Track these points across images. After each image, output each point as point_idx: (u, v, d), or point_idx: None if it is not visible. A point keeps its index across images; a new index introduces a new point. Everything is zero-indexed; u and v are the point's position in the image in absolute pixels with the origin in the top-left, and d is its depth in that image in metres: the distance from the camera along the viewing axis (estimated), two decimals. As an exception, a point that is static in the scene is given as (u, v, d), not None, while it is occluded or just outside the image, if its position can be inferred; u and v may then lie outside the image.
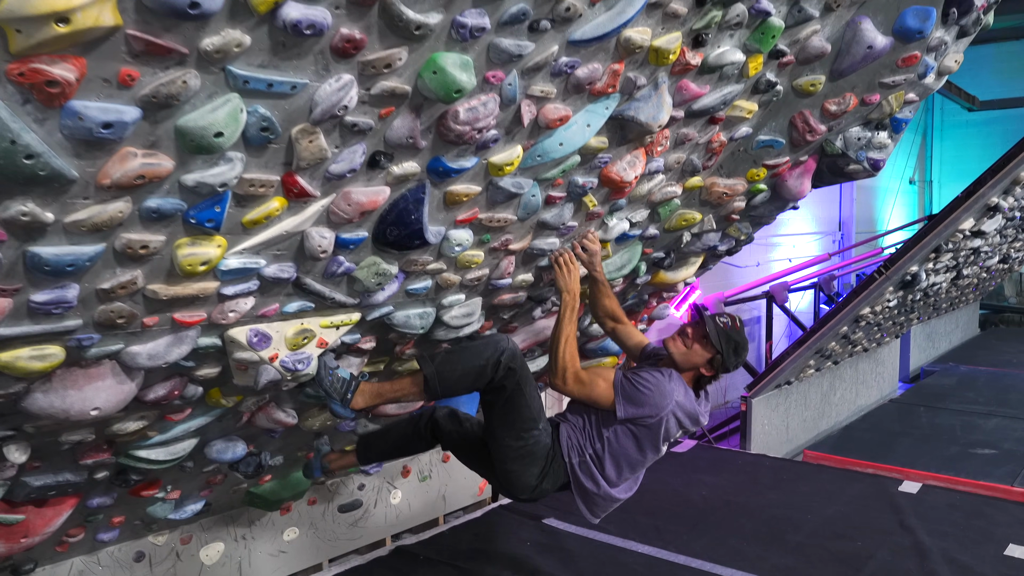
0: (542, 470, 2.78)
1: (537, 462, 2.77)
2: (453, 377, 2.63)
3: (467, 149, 2.16)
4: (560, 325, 2.81)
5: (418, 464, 4.65)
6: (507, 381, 2.62)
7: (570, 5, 1.95)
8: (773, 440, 6.06)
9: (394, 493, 4.57)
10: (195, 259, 1.86)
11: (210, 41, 1.48)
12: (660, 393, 2.74)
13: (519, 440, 2.72)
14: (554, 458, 2.80)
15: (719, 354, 2.80)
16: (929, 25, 2.91)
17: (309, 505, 4.08)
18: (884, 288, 5.40)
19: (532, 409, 2.72)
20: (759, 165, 3.28)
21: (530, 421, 2.72)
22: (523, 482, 2.79)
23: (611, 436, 2.80)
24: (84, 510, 2.80)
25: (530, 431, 2.72)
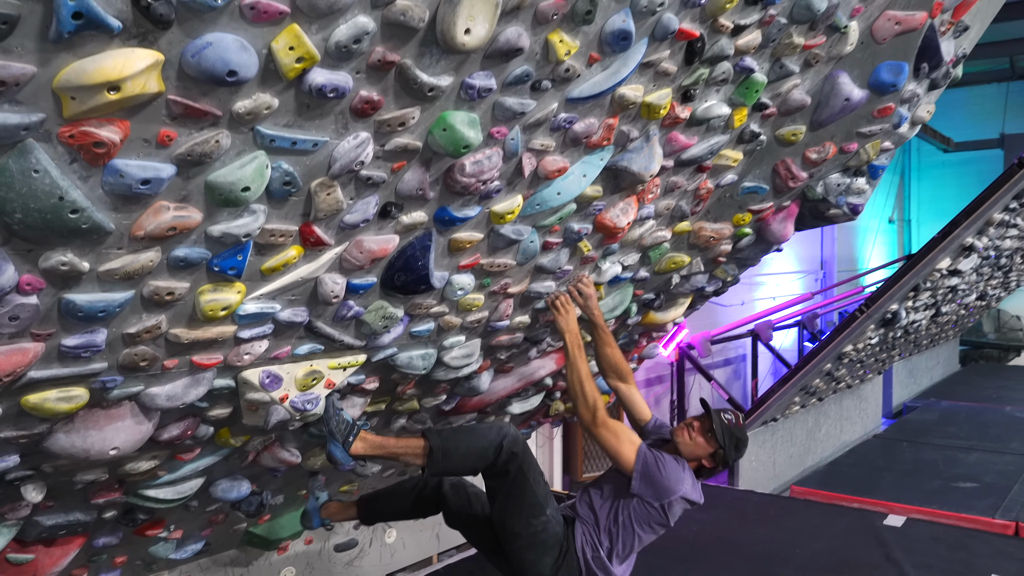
0: (555, 561, 2.78)
1: (549, 551, 2.77)
2: (457, 455, 2.69)
3: (471, 199, 2.28)
4: (573, 365, 2.90)
5: (412, 503, 4.70)
6: (510, 465, 2.67)
7: (569, 67, 2.09)
8: (760, 476, 6.15)
9: (389, 532, 4.61)
10: (217, 304, 1.96)
11: (242, 104, 1.60)
12: (675, 480, 2.79)
13: (528, 527, 2.74)
14: (568, 552, 2.80)
15: (721, 448, 2.89)
16: (902, 79, 3.08)
17: (306, 544, 4.12)
18: (865, 326, 5.55)
19: (538, 495, 2.74)
20: (744, 210, 3.42)
21: (536, 507, 2.74)
22: (537, 570, 2.79)
23: (624, 520, 2.82)
24: (90, 550, 2.84)
25: (538, 517, 2.74)
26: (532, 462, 2.78)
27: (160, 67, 1.44)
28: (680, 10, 2.21)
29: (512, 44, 1.87)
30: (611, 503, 2.86)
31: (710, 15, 2.32)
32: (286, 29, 1.53)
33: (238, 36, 1.48)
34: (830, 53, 2.89)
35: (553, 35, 1.97)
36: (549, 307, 2.99)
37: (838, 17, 2.72)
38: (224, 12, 1.44)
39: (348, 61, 1.67)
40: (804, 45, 2.74)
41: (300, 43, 1.55)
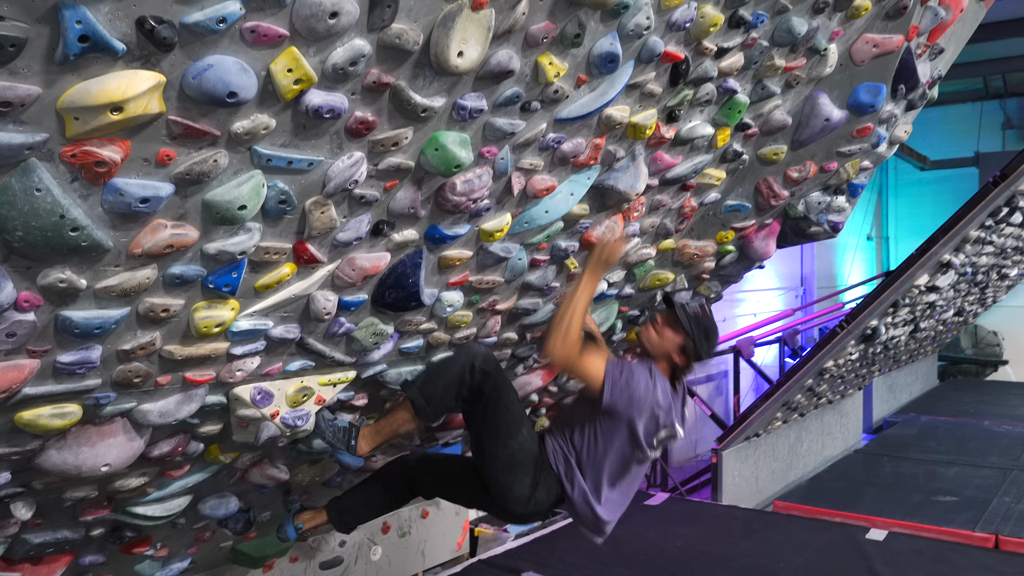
0: (533, 479, 2.75)
1: (527, 470, 2.74)
2: (437, 394, 2.65)
3: (461, 217, 2.32)
4: (581, 294, 2.66)
5: (398, 520, 4.70)
6: (485, 385, 2.64)
7: (558, 88, 2.14)
8: (743, 491, 6.19)
9: (374, 549, 4.60)
10: (211, 321, 1.98)
11: (241, 124, 1.63)
12: (644, 388, 2.70)
13: (505, 448, 2.71)
14: (543, 467, 2.78)
15: (690, 338, 2.81)
16: (880, 100, 3.16)
17: (291, 562, 4.10)
18: (846, 342, 5.62)
19: (513, 413, 2.73)
20: (727, 228, 3.48)
21: (513, 426, 2.72)
22: (516, 493, 2.75)
23: (591, 438, 2.76)
24: (76, 568, 2.82)
25: (515, 436, 2.71)
26: (506, 381, 2.75)
27: (162, 88, 1.47)
28: (665, 33, 2.27)
29: (503, 66, 1.92)
30: (582, 423, 2.80)
31: (694, 38, 2.38)
32: (285, 52, 1.57)
33: (238, 58, 1.52)
34: (810, 75, 2.97)
35: (543, 57, 2.02)
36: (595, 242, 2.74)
37: (818, 40, 2.79)
38: (225, 35, 1.47)
39: (344, 83, 1.71)
40: (785, 67, 2.82)
41: (298, 65, 1.59)
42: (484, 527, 5.44)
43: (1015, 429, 7.92)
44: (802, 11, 2.62)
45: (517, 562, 4.72)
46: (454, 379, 2.64)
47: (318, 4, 1.52)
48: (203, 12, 1.40)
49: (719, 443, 5.94)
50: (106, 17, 1.33)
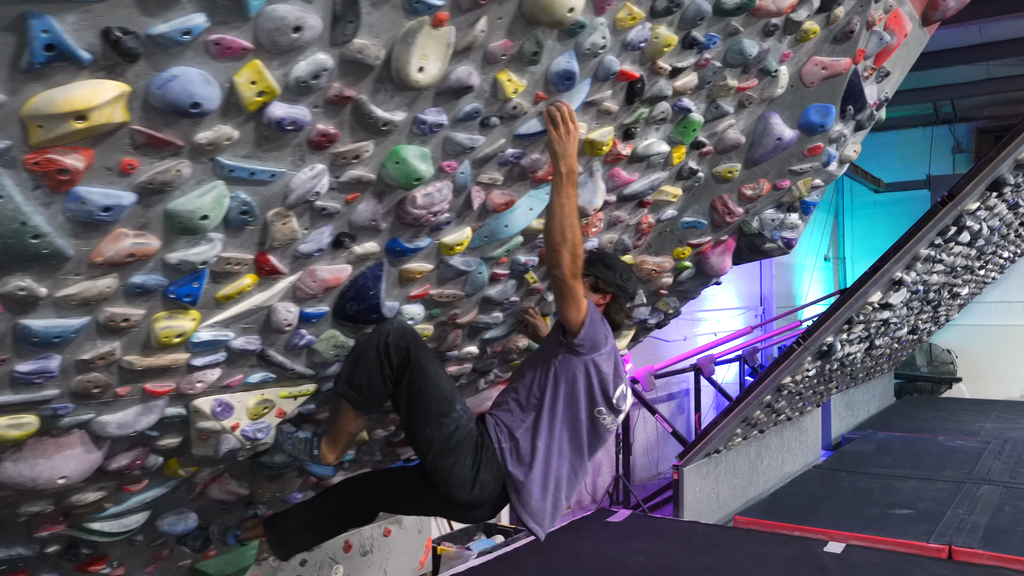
0: (475, 460, 2.59)
1: (467, 451, 2.58)
2: (363, 380, 2.52)
3: (422, 230, 2.36)
4: (570, 203, 2.40)
5: (360, 539, 4.68)
6: (404, 362, 2.51)
7: (517, 104, 2.20)
8: (705, 507, 6.25)
9: (336, 568, 4.57)
10: (171, 331, 1.99)
11: (204, 135, 1.66)
12: (606, 331, 2.68)
13: (440, 429, 2.55)
14: (484, 447, 2.62)
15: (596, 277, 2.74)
16: (829, 120, 3.28)
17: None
18: (802, 358, 5.74)
19: (443, 389, 2.58)
20: (684, 244, 3.57)
21: (444, 403, 2.57)
22: (458, 476, 2.57)
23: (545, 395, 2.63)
24: (31, 587, 2.79)
25: (447, 414, 2.56)
26: (428, 355, 2.60)
27: (126, 98, 1.49)
28: (621, 53, 2.35)
29: (463, 82, 1.97)
30: (532, 376, 2.68)
31: (649, 58, 2.46)
32: (248, 64, 1.61)
33: (202, 70, 1.55)
34: (762, 95, 3.07)
35: (502, 74, 2.08)
36: (546, 122, 2.34)
37: (768, 62, 2.90)
38: (190, 47, 1.51)
39: (307, 96, 1.75)
40: (738, 87, 2.91)
41: (261, 77, 1.63)
42: (447, 545, 5.43)
43: (968, 444, 8.11)
44: (753, 34, 2.72)
45: (479, 581, 4.73)
46: (372, 363, 2.49)
47: (282, 18, 1.56)
48: (168, 24, 1.44)
49: (680, 459, 6.00)
50: (72, 27, 1.36)
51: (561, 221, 2.41)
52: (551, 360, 2.66)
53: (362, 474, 3.04)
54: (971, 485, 6.56)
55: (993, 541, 5.28)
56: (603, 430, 2.76)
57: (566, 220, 2.41)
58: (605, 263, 2.82)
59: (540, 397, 2.65)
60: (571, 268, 2.47)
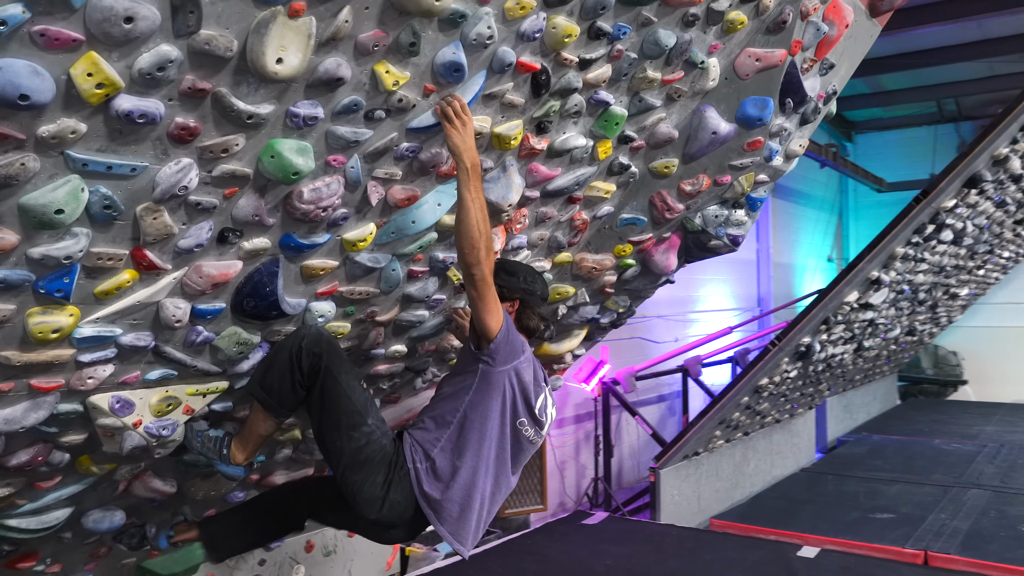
0: (386, 479, 2.53)
1: (377, 468, 2.53)
2: (274, 382, 2.52)
3: (318, 226, 2.35)
4: (476, 199, 2.37)
5: (323, 539, 4.67)
6: (316, 368, 2.50)
7: (402, 97, 2.17)
8: (684, 511, 6.18)
9: (297, 568, 4.55)
10: (46, 327, 1.99)
11: (46, 128, 1.65)
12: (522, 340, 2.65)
13: (350, 441, 2.51)
14: (398, 466, 2.56)
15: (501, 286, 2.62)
16: (767, 113, 3.22)
17: (207, 582, 4.07)
18: (779, 359, 5.65)
19: (354, 401, 2.54)
20: (624, 241, 3.52)
21: (355, 415, 2.53)
22: (367, 493, 2.52)
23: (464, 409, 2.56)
24: (-46, 584, 2.81)
25: (358, 427, 2.52)
26: (343, 364, 2.57)
27: (-51, 91, 1.49)
28: (517, 44, 2.32)
29: (332, 74, 1.95)
30: (451, 391, 2.62)
31: (551, 49, 2.42)
32: (84, 56, 1.60)
33: (31, 62, 1.54)
34: (694, 88, 3.02)
35: (379, 66, 2.06)
36: (439, 118, 2.30)
37: (693, 53, 2.85)
38: (13, 38, 1.50)
39: (157, 88, 1.74)
40: (663, 79, 2.87)
41: (98, 70, 1.62)
42: (416, 546, 5.41)
43: (963, 447, 7.96)
44: (670, 24, 2.67)
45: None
46: (283, 365, 2.49)
47: (110, 8, 1.55)
48: (-19, 15, 1.43)
49: (656, 461, 5.94)
50: None
51: (476, 216, 2.37)
52: (469, 374, 2.59)
53: (295, 480, 3.04)
54: (959, 489, 6.44)
55: (971, 547, 5.17)
56: (526, 442, 2.71)
57: (480, 213, 2.38)
58: (506, 270, 2.75)
59: (459, 413, 2.58)
60: (489, 264, 2.44)
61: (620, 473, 7.95)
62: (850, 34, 3.41)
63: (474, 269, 2.42)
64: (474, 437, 2.57)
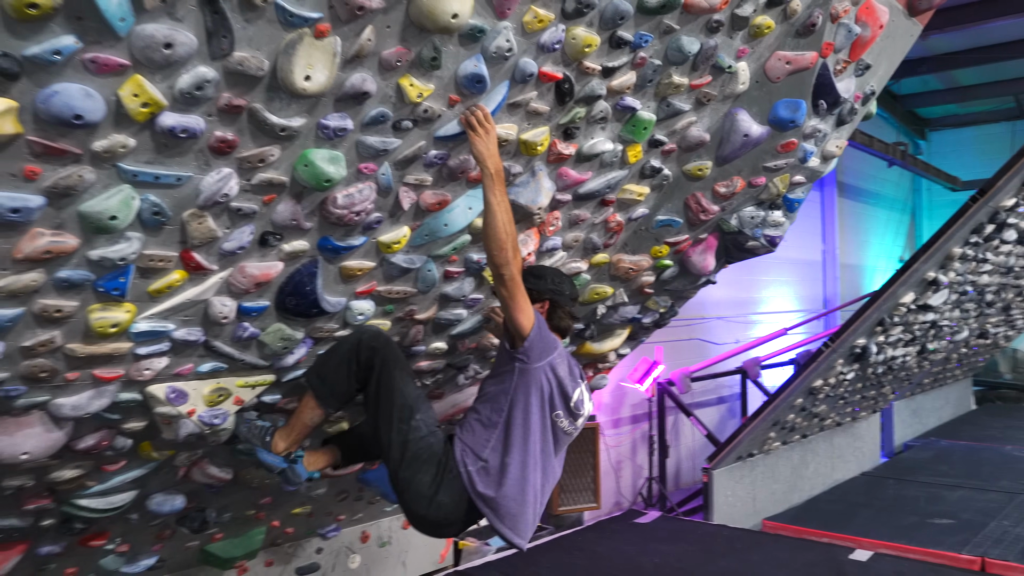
0: (434, 479, 2.66)
1: (425, 467, 2.66)
2: (330, 374, 2.74)
3: (353, 229, 2.51)
4: (501, 203, 2.49)
5: (378, 530, 4.86)
6: (374, 359, 2.69)
7: (428, 108, 2.32)
8: (739, 512, 6.17)
9: (353, 558, 4.75)
10: (106, 322, 2.20)
11: (100, 143, 1.85)
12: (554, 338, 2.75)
13: (399, 434, 2.67)
14: (447, 469, 2.67)
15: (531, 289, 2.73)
16: (800, 115, 3.26)
17: (266, 567, 4.28)
18: (832, 360, 5.60)
19: (406, 396, 2.70)
20: (661, 242, 3.60)
21: (404, 408, 2.68)
22: (414, 490, 2.67)
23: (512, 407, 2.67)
24: (35, 559, 3.06)
25: (407, 421, 2.67)
26: (398, 361, 2.75)
27: (15, 112, 1.70)
28: (538, 55, 2.43)
29: (358, 88, 2.11)
30: (493, 392, 2.74)
31: (572, 58, 2.53)
32: (130, 79, 1.79)
33: (84, 85, 1.74)
34: (724, 92, 3.09)
35: (403, 79, 2.21)
36: (463, 127, 2.45)
37: (720, 58, 2.91)
38: (68, 65, 1.70)
39: (196, 105, 1.92)
40: (690, 84, 2.94)
41: (143, 91, 1.81)
42: (469, 540, 5.57)
43: (1036, 454, 7.71)
44: (693, 31, 2.75)
45: (489, 573, 4.85)
46: (344, 359, 2.70)
47: (151, 36, 1.73)
48: (40, 46, 1.63)
49: (709, 462, 5.96)
50: (-49, 52, 1.57)
51: (501, 218, 2.50)
52: (508, 374, 2.70)
53: None
54: (1026, 496, 6.26)
55: (1033, 554, 5.04)
56: (562, 434, 2.81)
57: (506, 216, 2.51)
58: (534, 274, 2.87)
59: (503, 412, 2.69)
60: (516, 264, 2.57)
61: (678, 474, 7.95)
62: (887, 34, 3.41)
63: (503, 269, 2.54)
64: (519, 433, 2.68)
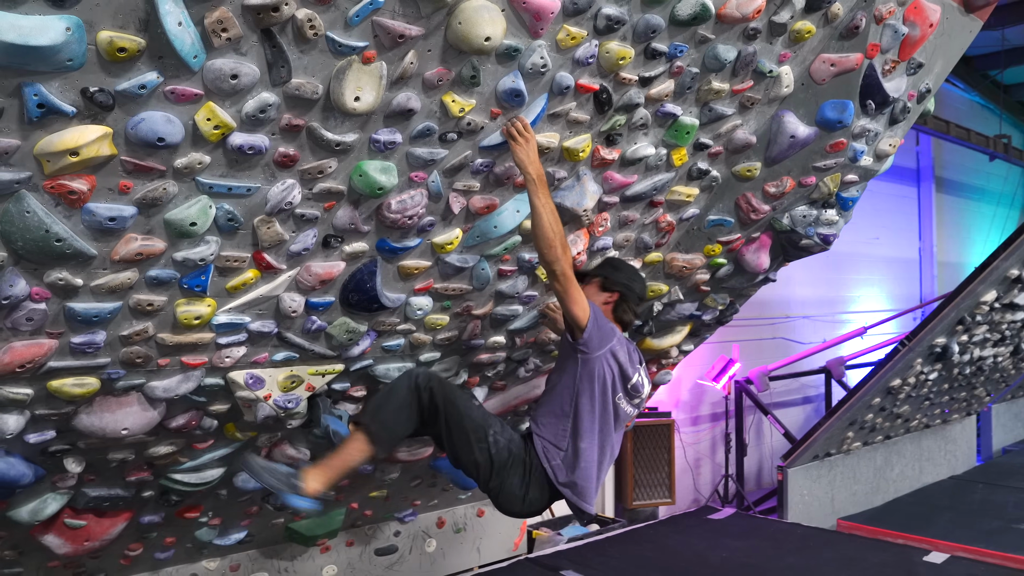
0: (522, 479, 2.87)
1: (513, 470, 2.85)
2: (389, 418, 2.78)
3: (408, 232, 2.76)
4: (545, 204, 2.70)
5: (453, 516, 5.13)
6: (436, 400, 2.78)
7: (471, 120, 2.54)
8: (816, 511, 6.15)
9: (429, 542, 5.04)
10: (190, 315, 2.53)
11: (180, 161, 2.16)
12: (611, 327, 2.92)
13: (482, 454, 2.81)
14: (532, 467, 2.89)
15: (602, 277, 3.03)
16: (848, 116, 3.32)
17: (347, 546, 4.62)
18: (910, 360, 5.52)
19: (474, 419, 2.84)
20: (714, 241, 3.71)
21: (479, 430, 2.82)
22: (507, 493, 2.88)
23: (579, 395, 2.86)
24: (138, 526, 3.45)
25: (484, 439, 2.81)
26: (453, 389, 2.88)
27: (110, 137, 2.01)
28: (574, 68, 2.62)
29: (403, 106, 2.36)
30: (559, 384, 2.92)
31: (608, 71, 2.70)
32: (204, 106, 2.09)
33: (166, 112, 2.05)
34: (769, 95, 3.19)
35: (446, 96, 2.44)
36: (505, 137, 2.66)
37: (760, 63, 3.02)
38: (152, 96, 2.01)
39: (261, 126, 2.20)
40: (732, 89, 3.07)
41: (215, 115, 2.10)
42: (544, 530, 5.77)
43: None
44: (729, 39, 2.87)
45: (560, 561, 5.03)
46: (401, 402, 2.78)
47: (219, 69, 2.02)
48: (128, 81, 1.94)
49: (784, 460, 5.97)
50: (57, 89, 1.89)
51: (548, 219, 2.71)
52: (571, 364, 2.89)
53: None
54: None
55: (1123, 562, 4.84)
56: (623, 415, 3.03)
57: (551, 217, 2.71)
58: (613, 266, 3.14)
59: (571, 402, 2.90)
60: (567, 259, 2.76)
61: (760, 474, 7.93)
62: (942, 31, 3.42)
63: (554, 266, 2.75)
64: (587, 419, 2.89)
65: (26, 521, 2.95)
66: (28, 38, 1.74)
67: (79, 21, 1.80)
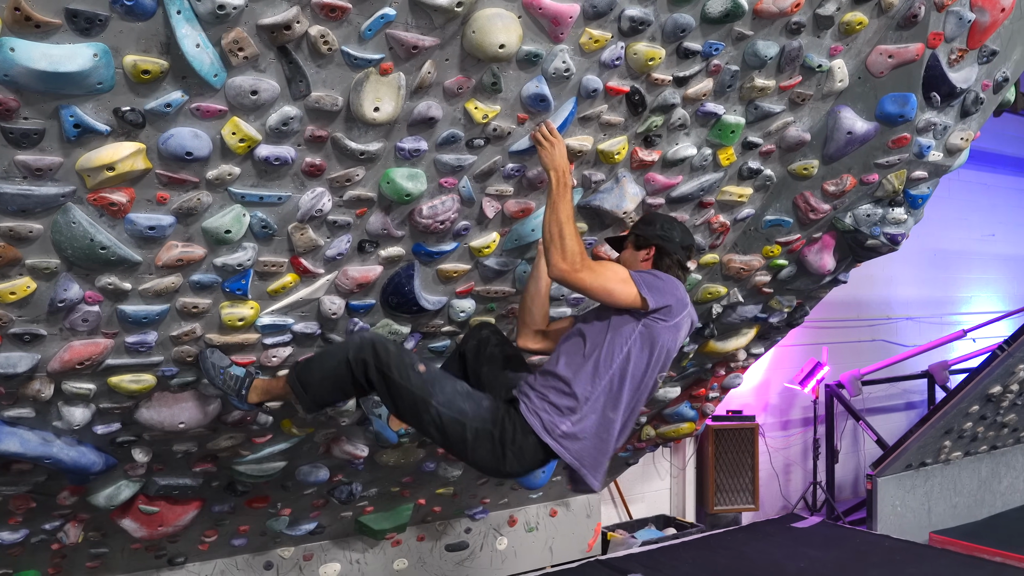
0: (491, 451, 2.50)
1: (479, 440, 2.49)
2: (314, 383, 2.58)
3: (443, 236, 2.83)
4: (554, 205, 2.55)
5: (525, 515, 5.17)
6: (369, 374, 2.49)
7: (497, 126, 2.58)
8: (910, 523, 5.84)
9: (500, 540, 5.10)
10: (234, 316, 2.67)
11: (211, 173, 2.29)
12: (672, 283, 2.63)
13: (428, 426, 2.51)
14: (509, 439, 2.49)
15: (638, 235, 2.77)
16: (910, 109, 3.16)
17: (418, 541, 4.73)
18: (1011, 366, 5.17)
19: (413, 389, 2.48)
20: (772, 242, 3.60)
21: (420, 402, 2.48)
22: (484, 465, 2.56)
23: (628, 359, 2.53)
24: (211, 514, 3.67)
25: (427, 411, 2.47)
26: (391, 360, 2.50)
27: (144, 152, 2.16)
28: (601, 71, 2.62)
29: (424, 115, 2.42)
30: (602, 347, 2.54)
31: (639, 72, 2.68)
32: (229, 121, 2.21)
33: (194, 128, 2.18)
34: (822, 91, 3.08)
35: (469, 103, 2.48)
36: (532, 142, 2.65)
37: (808, 57, 2.92)
38: (179, 114, 2.14)
39: (286, 138, 2.31)
40: (780, 86, 2.98)
41: (239, 129, 2.22)
42: (619, 532, 5.74)
43: None
44: (771, 35, 2.79)
45: (630, 565, 5.00)
46: (331, 372, 2.56)
47: (240, 86, 2.14)
48: (155, 100, 2.08)
49: (874, 468, 5.70)
50: (92, 110, 2.05)
51: (550, 218, 2.55)
52: (625, 323, 2.56)
53: None
54: None
55: None
56: (655, 388, 2.73)
57: (560, 214, 2.53)
58: (644, 221, 2.86)
59: (613, 364, 2.53)
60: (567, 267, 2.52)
61: (856, 482, 7.58)
62: (1019, 15, 3.20)
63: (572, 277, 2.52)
64: (628, 389, 2.56)
65: (104, 506, 3.19)
66: (59, 65, 1.90)
67: (105, 47, 1.94)
